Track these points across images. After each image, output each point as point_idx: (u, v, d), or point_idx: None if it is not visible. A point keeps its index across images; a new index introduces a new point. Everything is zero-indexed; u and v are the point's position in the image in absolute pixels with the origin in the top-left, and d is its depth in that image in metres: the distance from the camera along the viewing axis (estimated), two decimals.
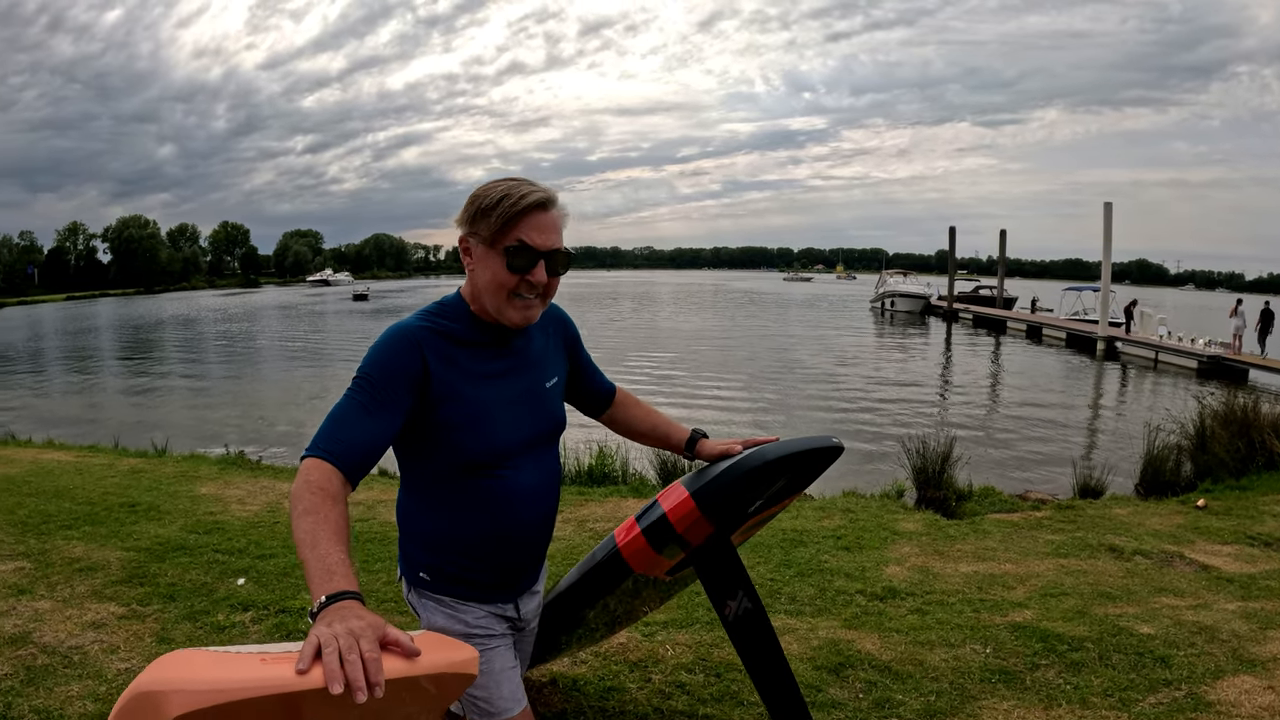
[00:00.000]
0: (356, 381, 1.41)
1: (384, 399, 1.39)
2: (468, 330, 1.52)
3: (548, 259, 1.47)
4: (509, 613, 1.64)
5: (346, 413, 1.38)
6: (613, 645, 3.20)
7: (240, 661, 0.98)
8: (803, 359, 22.14)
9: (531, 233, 1.44)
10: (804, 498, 6.19)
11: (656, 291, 79.10)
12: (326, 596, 1.09)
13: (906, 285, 45.91)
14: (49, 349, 31.20)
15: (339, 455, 1.32)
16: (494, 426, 1.50)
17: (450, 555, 1.55)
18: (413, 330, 1.47)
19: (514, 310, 1.49)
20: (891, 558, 4.39)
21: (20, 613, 3.59)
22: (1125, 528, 4.98)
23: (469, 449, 1.48)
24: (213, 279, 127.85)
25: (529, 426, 1.57)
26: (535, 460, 1.59)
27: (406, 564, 1.62)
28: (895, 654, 3.10)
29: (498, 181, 1.48)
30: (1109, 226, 25.35)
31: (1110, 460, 8.19)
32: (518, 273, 1.45)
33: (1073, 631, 3.29)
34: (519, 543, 1.59)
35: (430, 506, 1.54)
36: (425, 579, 1.57)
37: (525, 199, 1.43)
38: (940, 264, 53.85)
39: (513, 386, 1.56)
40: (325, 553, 1.16)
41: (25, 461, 7.22)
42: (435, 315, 1.52)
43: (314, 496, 1.24)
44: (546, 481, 1.62)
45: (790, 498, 1.97)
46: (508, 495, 1.53)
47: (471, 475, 1.49)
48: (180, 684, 0.89)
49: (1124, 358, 23.04)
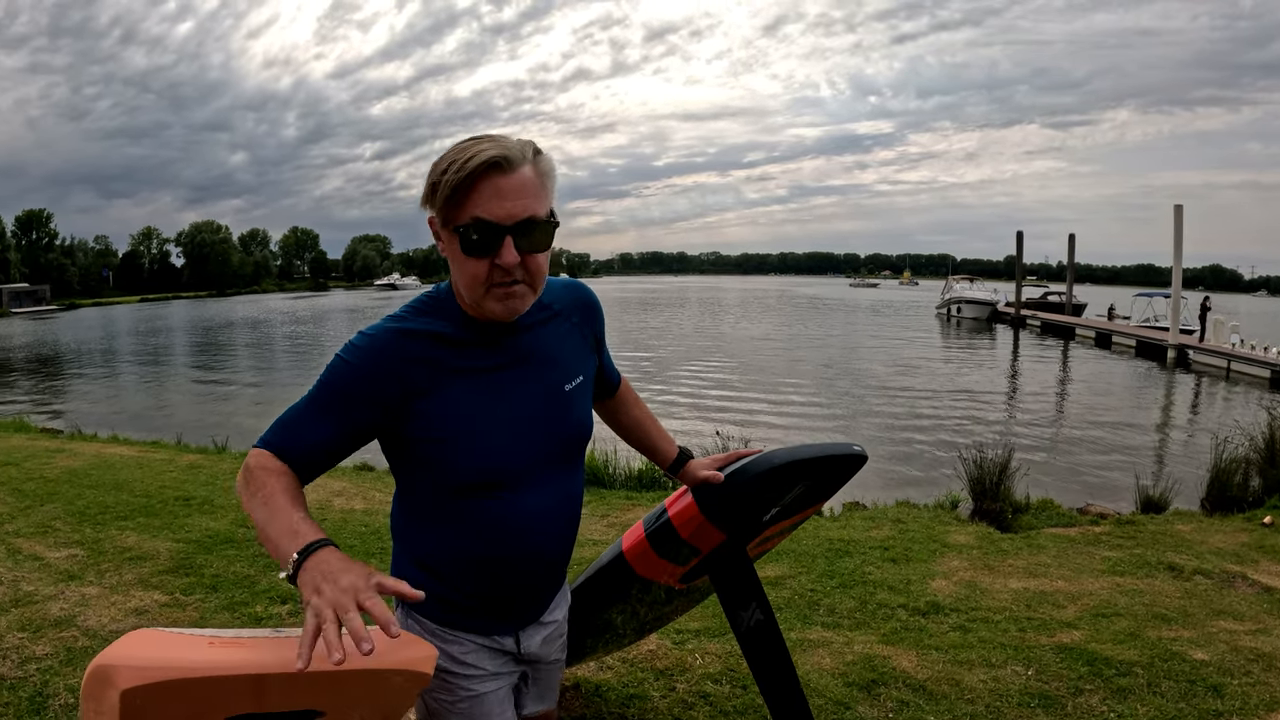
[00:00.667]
0: (317, 383, 1.25)
1: (337, 408, 1.23)
2: (457, 328, 1.27)
3: (515, 233, 1.16)
4: (506, 646, 1.40)
5: (297, 412, 1.25)
6: (641, 651, 3.15)
7: (190, 643, 1.03)
8: (865, 366, 21.74)
9: (489, 203, 1.14)
10: (854, 507, 6.07)
11: (723, 297, 78.78)
12: (298, 553, 1.01)
13: (973, 291, 44.77)
14: (121, 348, 32.47)
15: (281, 447, 1.21)
16: (491, 443, 1.26)
17: (445, 579, 1.33)
18: (383, 336, 1.24)
19: (494, 301, 1.21)
20: (939, 571, 4.26)
21: (68, 597, 3.72)
22: (1187, 545, 4.75)
23: (461, 469, 1.26)
24: (282, 283, 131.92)
25: (540, 441, 1.31)
26: (548, 479, 1.33)
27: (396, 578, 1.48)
28: (932, 673, 2.99)
29: (455, 144, 1.20)
30: (1179, 230, 24.39)
31: (1176, 473, 7.83)
32: (478, 256, 1.17)
33: (1122, 655, 3.13)
34: (521, 572, 1.36)
35: (424, 525, 1.34)
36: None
37: (472, 161, 1.13)
38: (1009, 270, 52.52)
39: (518, 393, 1.30)
40: (283, 518, 1.08)
41: (89, 455, 7.50)
42: (419, 313, 1.28)
43: (255, 476, 1.16)
44: (559, 504, 1.36)
45: (813, 507, 1.90)
46: (508, 520, 1.30)
47: (466, 496, 1.27)
48: (130, 660, 0.96)
49: (1195, 366, 22.12)
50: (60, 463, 6.98)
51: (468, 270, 1.19)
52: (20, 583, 3.89)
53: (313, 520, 1.10)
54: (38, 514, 5.18)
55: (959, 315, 42.35)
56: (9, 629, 3.33)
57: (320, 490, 5.96)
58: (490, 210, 1.15)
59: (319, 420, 1.22)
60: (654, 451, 1.70)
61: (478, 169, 1.13)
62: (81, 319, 56.19)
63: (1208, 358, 22.25)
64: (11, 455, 7.29)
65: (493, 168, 1.14)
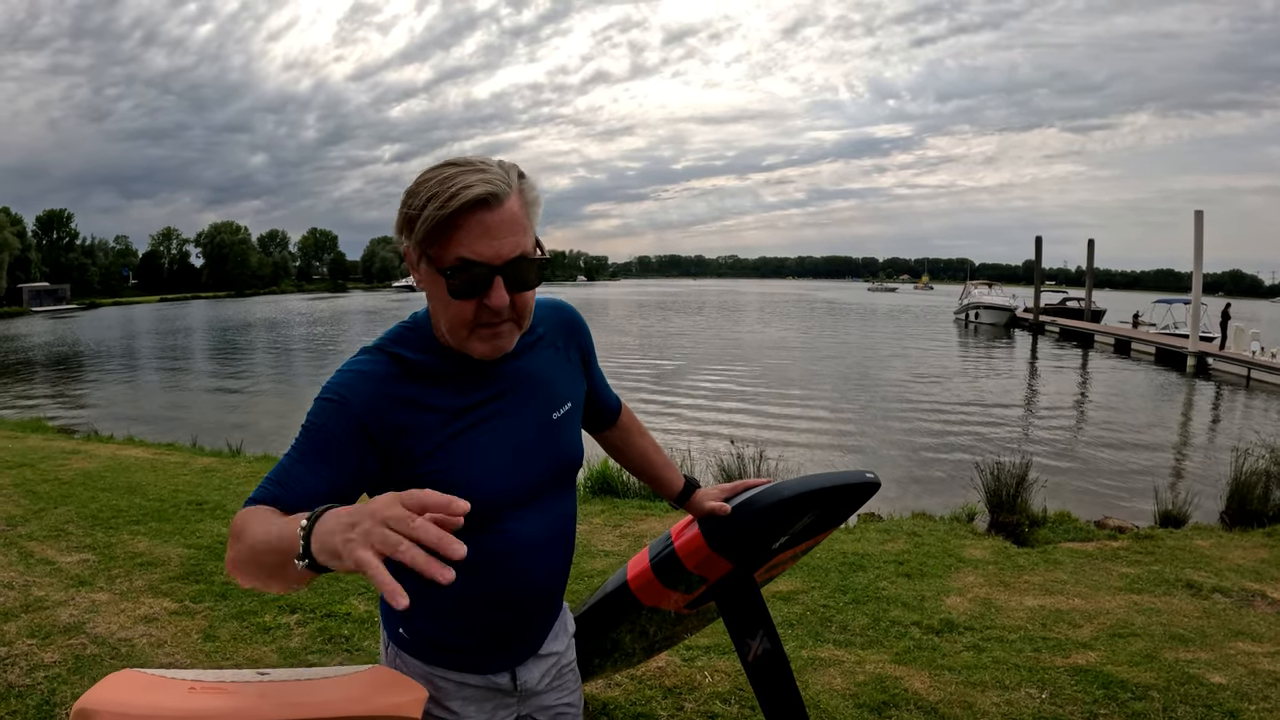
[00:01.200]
0: (301, 430, 1.14)
1: (327, 453, 1.11)
2: (436, 361, 1.19)
3: (505, 273, 1.08)
4: (502, 683, 1.33)
5: (285, 466, 1.10)
6: (650, 669, 3.12)
7: (172, 689, 1.02)
8: (882, 373, 21.59)
9: (475, 243, 1.06)
10: (869, 519, 6.01)
11: (741, 301, 78.68)
12: (301, 527, 0.85)
13: (991, 297, 44.37)
14: (140, 348, 32.77)
15: (269, 503, 1.05)
16: (484, 477, 1.19)
17: (435, 616, 1.27)
18: (365, 372, 1.16)
19: (478, 342, 1.14)
20: (954, 587, 4.20)
21: (78, 603, 3.73)
22: (1206, 561, 4.67)
23: None
24: (301, 283, 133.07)
25: (532, 472, 1.25)
26: (541, 508, 1.27)
27: (386, 617, 1.36)
28: (944, 694, 2.94)
29: (432, 170, 1.10)
30: (1200, 236, 24.09)
31: (1194, 486, 7.73)
32: (465, 298, 1.09)
33: (1138, 678, 3.06)
34: (518, 605, 1.30)
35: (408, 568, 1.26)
36: (405, 638, 1.31)
37: (455, 199, 1.03)
38: (1028, 274, 52.10)
39: (508, 425, 1.23)
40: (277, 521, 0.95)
41: (104, 457, 7.55)
42: (398, 344, 1.20)
43: (242, 517, 1.02)
44: (555, 531, 1.31)
45: (823, 534, 1.86)
46: (506, 553, 1.23)
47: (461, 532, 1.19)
48: (110, 705, 0.96)
49: (1215, 374, 21.84)
50: (75, 464, 7.03)
51: (452, 312, 1.11)
52: (31, 587, 3.91)
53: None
54: (51, 517, 5.21)
55: (977, 321, 42.03)
56: (18, 635, 3.34)
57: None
58: (478, 250, 1.06)
59: (309, 471, 1.09)
60: (659, 483, 1.63)
61: (464, 206, 1.04)
62: (101, 318, 56.80)
63: (1228, 365, 21.97)
64: (27, 456, 7.35)
65: (479, 204, 1.05)
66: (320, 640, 3.46)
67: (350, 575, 4.22)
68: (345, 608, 3.79)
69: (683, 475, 1.64)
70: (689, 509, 1.62)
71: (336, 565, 0.82)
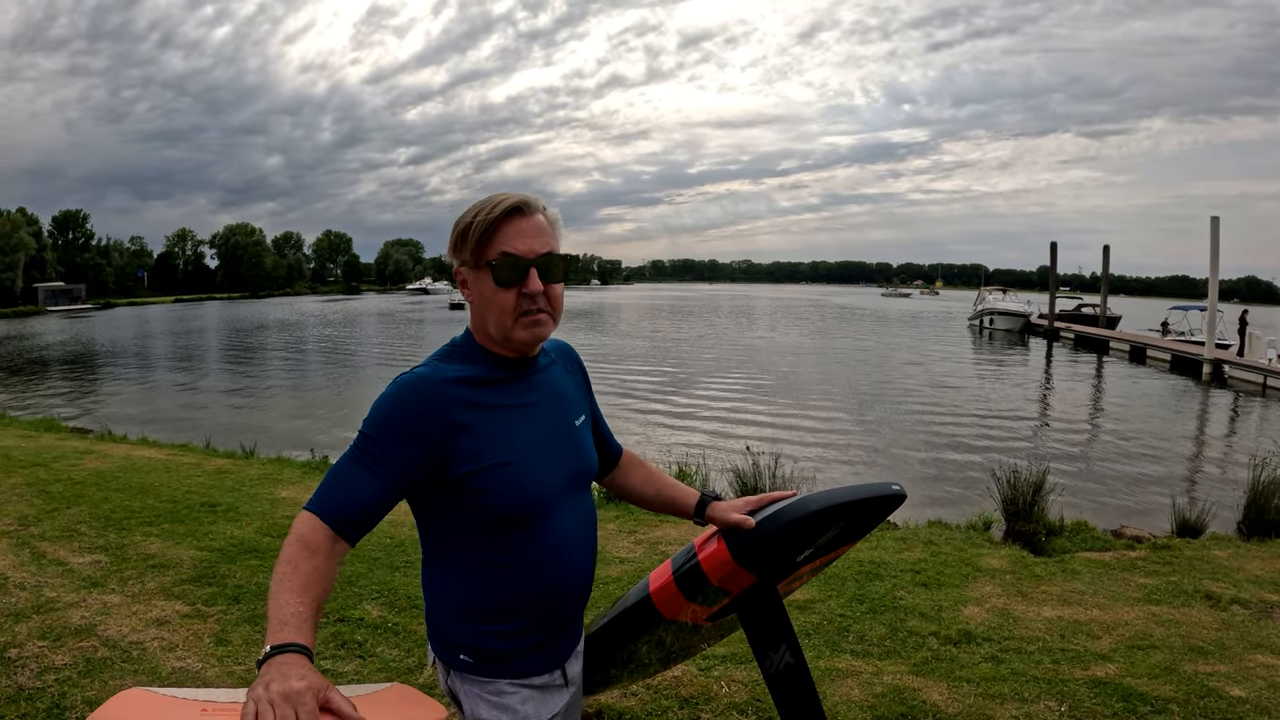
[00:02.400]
0: (359, 437, 1.31)
1: (385, 457, 1.28)
2: (484, 369, 1.38)
3: (539, 266, 1.34)
4: (557, 681, 1.45)
5: (344, 469, 1.29)
6: (666, 678, 3.09)
7: (182, 710, 1.00)
8: (896, 380, 21.49)
9: (513, 241, 1.33)
10: (886, 527, 5.96)
11: (755, 306, 78.55)
12: (272, 647, 1.04)
13: (1006, 303, 44.05)
14: (155, 348, 32.97)
15: (331, 510, 1.25)
16: (531, 470, 1.35)
17: (495, 625, 1.38)
18: (422, 381, 1.33)
19: (521, 329, 1.35)
20: (971, 597, 4.15)
21: (89, 605, 3.72)
22: (1224, 572, 4.60)
23: (506, 497, 1.33)
24: (315, 285, 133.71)
25: (565, 467, 1.42)
26: (573, 505, 1.44)
27: (441, 645, 1.43)
28: (962, 706, 2.89)
29: (476, 202, 1.38)
30: (1215, 242, 23.88)
31: (1212, 495, 7.64)
32: (507, 286, 1.33)
33: (1157, 691, 3.01)
34: (566, 597, 1.44)
35: (466, 574, 1.38)
36: (467, 661, 1.39)
37: (498, 208, 1.32)
38: (1042, 280, 51.72)
39: (543, 423, 1.42)
40: (284, 602, 1.11)
41: (118, 457, 7.57)
42: (447, 359, 1.39)
43: (292, 548, 1.20)
44: (586, 526, 1.47)
45: (847, 545, 1.83)
46: (554, 547, 1.39)
47: (511, 528, 1.35)
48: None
49: (1231, 382, 21.63)
50: (88, 464, 7.04)
51: (498, 302, 1.34)
52: (43, 588, 3.91)
53: (312, 616, 1.12)
54: (63, 517, 5.21)
55: (991, 327, 41.77)
56: (29, 637, 3.33)
57: None
58: (515, 246, 1.33)
59: (367, 473, 1.27)
60: (674, 504, 1.71)
61: (503, 213, 1.32)
62: (116, 318, 57.18)
63: (1244, 373, 21.76)
64: (41, 456, 7.37)
65: (515, 212, 1.33)
66: (334, 645, 3.44)
67: (363, 581, 4.21)
68: (359, 613, 3.77)
69: (699, 490, 1.69)
70: (711, 520, 1.62)
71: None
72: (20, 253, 75.83)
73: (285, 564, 1.17)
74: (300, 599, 1.12)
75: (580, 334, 37.08)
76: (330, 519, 1.24)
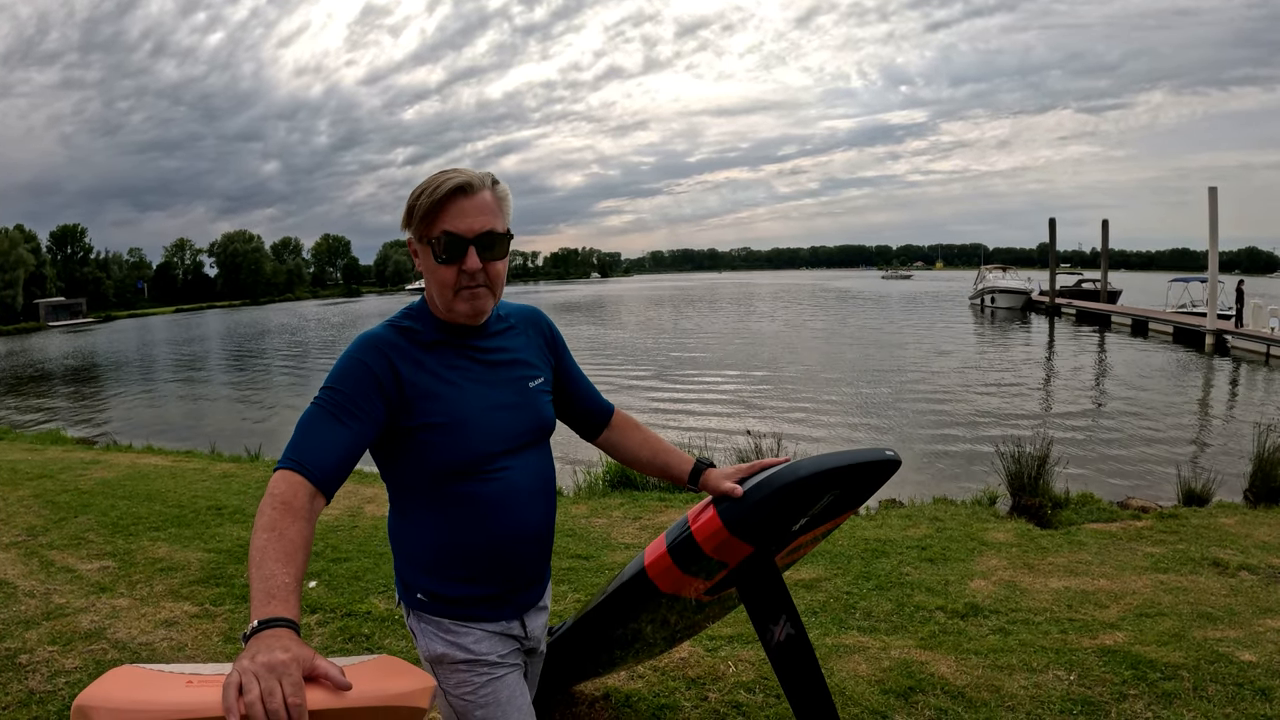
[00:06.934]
0: (323, 391, 1.37)
1: (352, 407, 1.34)
2: (433, 331, 1.48)
3: (478, 244, 1.41)
4: (515, 630, 1.55)
5: (315, 421, 1.33)
6: (672, 659, 3.09)
7: (169, 683, 1.00)
8: (898, 360, 21.46)
9: (455, 220, 1.39)
10: (891, 504, 5.97)
11: (755, 292, 78.42)
12: (259, 621, 1.04)
13: (1006, 281, 43.89)
14: (157, 358, 33.00)
15: (309, 465, 1.27)
16: (474, 428, 1.44)
17: (449, 571, 1.47)
18: (378, 337, 1.44)
19: (461, 303, 1.44)
20: (978, 571, 4.15)
21: (99, 609, 3.74)
22: (1232, 539, 4.59)
23: (458, 450, 1.42)
24: (315, 289, 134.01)
25: (517, 427, 1.50)
26: (524, 463, 1.51)
27: (403, 586, 1.54)
28: (971, 678, 2.89)
29: (427, 177, 1.44)
30: (1214, 213, 23.74)
31: (1218, 464, 7.63)
32: (448, 263, 1.41)
33: (1167, 657, 3.00)
34: (519, 549, 1.50)
35: (422, 521, 1.47)
36: (423, 600, 1.49)
37: (442, 187, 1.38)
38: (1043, 257, 51.33)
39: (491, 386, 1.49)
40: (270, 573, 1.10)
41: (124, 466, 7.59)
42: (401, 319, 1.49)
43: (275, 512, 1.19)
44: (541, 482, 1.54)
45: (845, 514, 1.83)
46: (501, 498, 1.46)
47: (460, 481, 1.43)
48: (107, 701, 0.94)
49: (1234, 352, 21.57)
50: (94, 474, 7.07)
51: (439, 277, 1.43)
52: (52, 595, 3.93)
53: (297, 585, 1.12)
54: (71, 526, 5.23)
55: (993, 305, 41.63)
56: (39, 642, 3.34)
57: (352, 498, 5.98)
58: (456, 225, 1.40)
59: (338, 424, 1.33)
60: (668, 469, 1.74)
61: (447, 193, 1.39)
62: (118, 330, 57.27)
63: (1247, 343, 21.69)
64: (47, 467, 7.40)
65: (458, 191, 1.39)
66: (341, 639, 3.45)
67: (370, 575, 4.23)
68: (365, 606, 3.78)
69: (694, 457, 1.70)
70: (704, 487, 1.64)
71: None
72: (20, 270, 76.01)
73: (267, 530, 1.17)
74: (285, 568, 1.12)
75: (581, 326, 37.06)
76: (312, 473, 1.27)
